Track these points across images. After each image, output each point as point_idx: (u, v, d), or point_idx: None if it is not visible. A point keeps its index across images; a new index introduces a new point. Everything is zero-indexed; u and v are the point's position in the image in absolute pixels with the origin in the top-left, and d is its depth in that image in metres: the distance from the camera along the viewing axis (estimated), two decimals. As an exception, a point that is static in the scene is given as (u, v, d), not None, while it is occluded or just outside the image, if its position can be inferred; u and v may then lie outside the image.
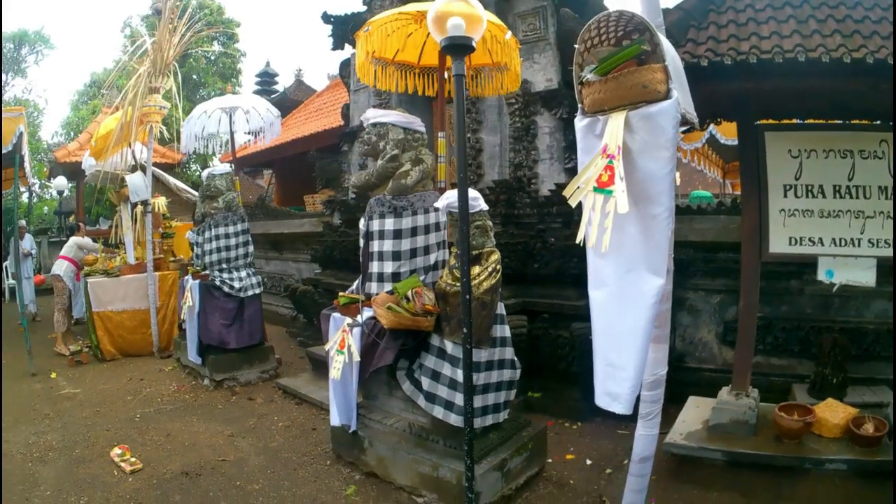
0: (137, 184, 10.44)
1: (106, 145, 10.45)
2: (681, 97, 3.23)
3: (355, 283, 5.98)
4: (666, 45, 3.28)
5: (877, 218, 5.02)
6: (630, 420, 5.88)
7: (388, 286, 5.34)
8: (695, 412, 5.63)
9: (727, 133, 10.71)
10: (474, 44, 4.31)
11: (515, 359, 5.32)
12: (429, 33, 6.27)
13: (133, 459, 5.80)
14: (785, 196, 5.27)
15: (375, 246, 5.47)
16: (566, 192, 3.49)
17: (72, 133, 27.45)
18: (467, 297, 4.24)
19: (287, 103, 21.07)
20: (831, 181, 5.15)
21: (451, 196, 4.97)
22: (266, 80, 28.29)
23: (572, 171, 7.75)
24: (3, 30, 29.64)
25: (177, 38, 10.10)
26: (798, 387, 5.97)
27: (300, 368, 9.15)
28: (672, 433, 5.34)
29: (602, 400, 3.52)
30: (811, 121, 5.69)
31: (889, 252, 4.97)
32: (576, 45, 3.57)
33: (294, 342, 11.05)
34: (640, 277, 3.32)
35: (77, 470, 5.73)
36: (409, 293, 5.06)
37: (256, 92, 26.03)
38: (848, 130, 5.27)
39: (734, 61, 4.56)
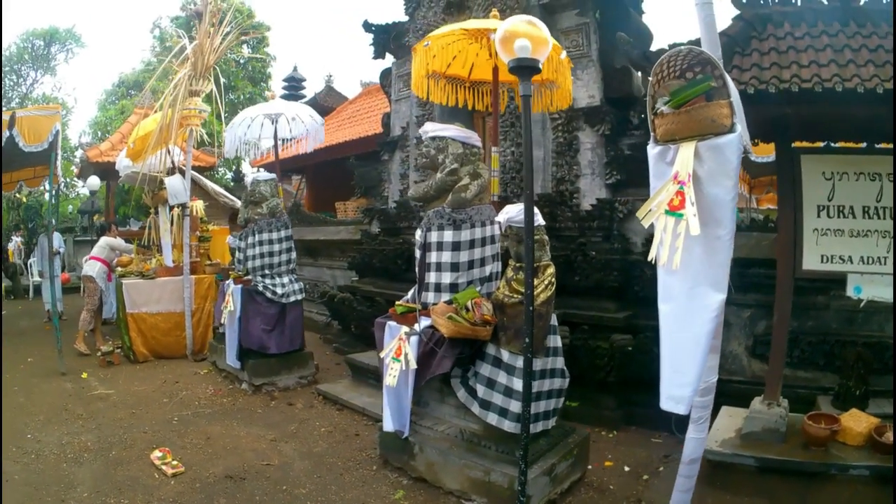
0: (176, 187, 10.50)
1: (144, 147, 10.49)
2: (741, 129, 3.54)
3: (410, 293, 6.06)
4: (730, 82, 3.59)
5: (902, 237, 5.26)
6: (663, 429, 6.31)
7: (446, 296, 5.45)
8: (727, 421, 5.74)
9: (757, 150, 10.75)
10: (541, 65, 4.46)
11: (565, 368, 5.50)
12: (481, 48, 6.44)
13: (175, 462, 5.80)
14: (818, 216, 5.48)
15: (433, 257, 5.56)
16: (639, 214, 3.82)
17: (99, 133, 27.54)
18: (531, 308, 4.39)
19: (317, 109, 21.04)
20: (861, 202, 5.37)
21: (511, 210, 5.13)
22: (293, 85, 28.16)
23: (613, 187, 7.85)
24: (35, 27, 29.96)
25: (217, 41, 10.20)
26: (823, 398, 6.04)
27: (337, 374, 9.21)
28: (707, 440, 5.43)
29: (667, 404, 3.82)
30: (842, 143, 5.89)
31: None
32: (649, 78, 3.91)
33: (329, 348, 11.12)
34: (704, 293, 3.66)
35: (115, 472, 5.73)
36: (469, 303, 5.17)
37: (283, 97, 26.07)
38: (877, 154, 5.48)
39: (778, 89, 4.73)
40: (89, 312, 10.75)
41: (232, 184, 19.98)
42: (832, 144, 5.84)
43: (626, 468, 5.94)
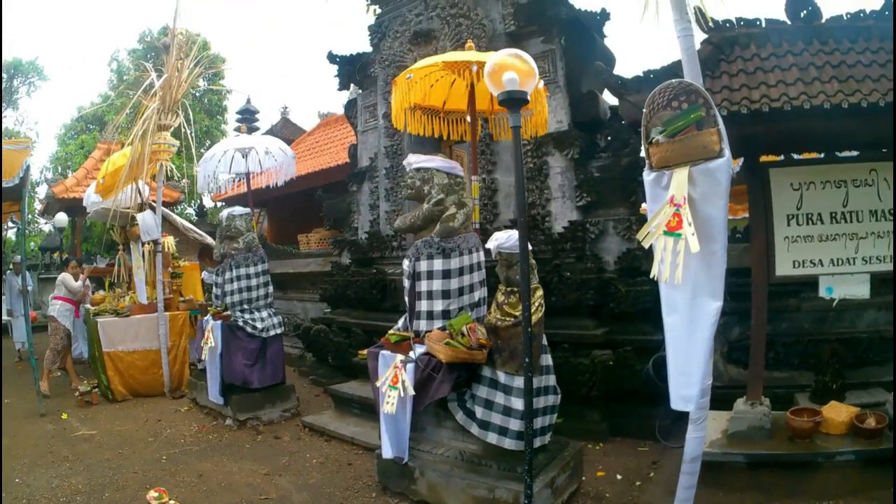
0: (149, 223, 10.48)
1: (115, 182, 10.37)
2: (729, 154, 3.87)
3: (400, 322, 6.16)
4: (716, 110, 3.93)
5: (868, 238, 5.64)
6: (648, 438, 6.63)
7: (439, 323, 5.60)
8: (712, 424, 5.88)
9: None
10: (528, 97, 4.67)
11: (556, 385, 5.73)
12: (457, 79, 6.59)
13: (172, 502, 5.77)
14: (788, 224, 5.79)
15: (424, 286, 5.71)
16: (639, 236, 4.19)
17: (60, 168, 27.09)
18: (529, 329, 4.60)
19: (274, 142, 21.02)
20: (828, 209, 5.72)
21: (500, 237, 5.35)
22: (247, 118, 28.00)
23: (583, 209, 8.02)
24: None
25: (184, 74, 10.23)
26: (800, 395, 6.28)
27: (319, 406, 9.22)
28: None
29: (678, 403, 4.24)
30: (806, 154, 6.23)
31: (880, 267, 5.59)
32: (643, 110, 4.21)
33: (306, 381, 11.05)
34: (704, 302, 4.05)
35: (112, 515, 5.66)
36: (464, 329, 5.33)
37: (237, 130, 25.88)
38: (841, 163, 5.81)
39: (749, 110, 4.96)
40: (53, 351, 10.69)
41: (196, 218, 19.85)
42: (794, 156, 6.10)
43: (619, 476, 6.15)
